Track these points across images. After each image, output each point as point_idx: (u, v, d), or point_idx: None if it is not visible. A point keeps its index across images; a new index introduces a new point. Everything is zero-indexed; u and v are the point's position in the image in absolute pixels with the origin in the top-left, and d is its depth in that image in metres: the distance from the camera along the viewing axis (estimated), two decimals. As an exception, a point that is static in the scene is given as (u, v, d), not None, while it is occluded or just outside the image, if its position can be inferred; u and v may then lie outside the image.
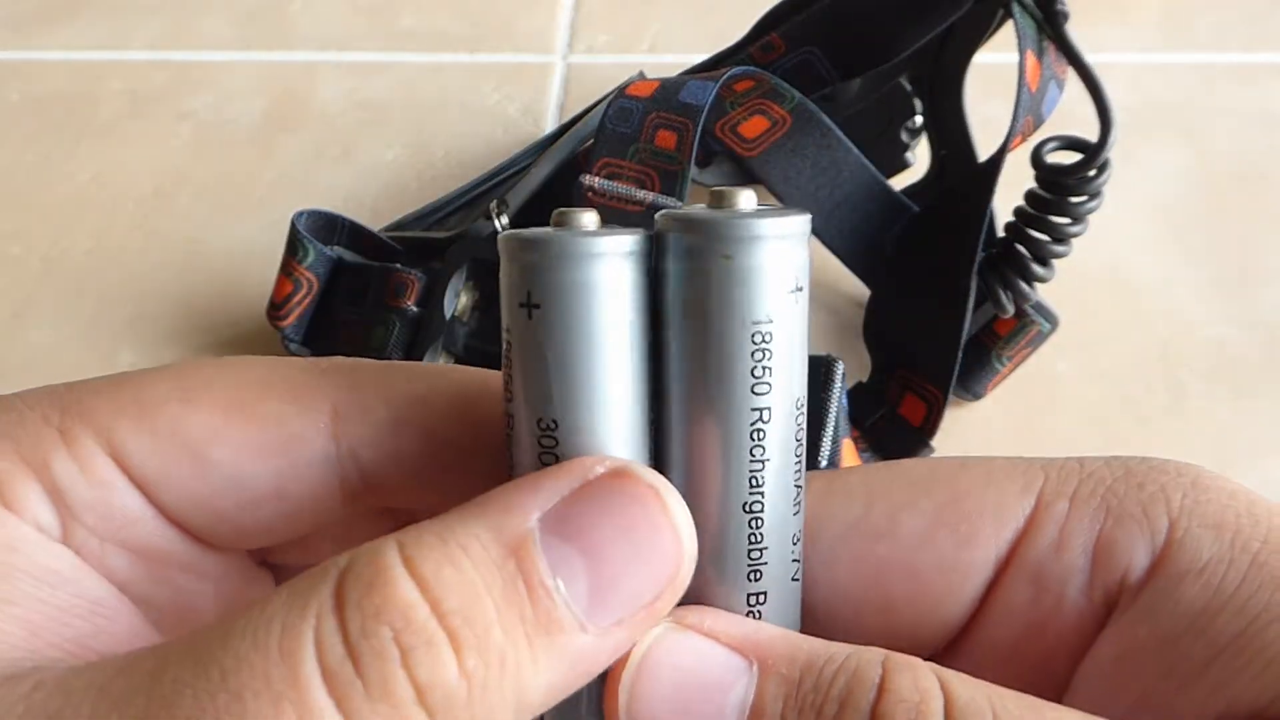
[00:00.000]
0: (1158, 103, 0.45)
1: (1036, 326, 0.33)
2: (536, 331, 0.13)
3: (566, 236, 0.13)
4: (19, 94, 0.48)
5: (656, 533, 0.13)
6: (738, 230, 0.13)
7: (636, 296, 0.14)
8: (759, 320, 0.13)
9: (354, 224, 0.36)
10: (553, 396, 0.13)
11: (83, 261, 0.41)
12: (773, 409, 0.14)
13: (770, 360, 0.13)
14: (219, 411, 0.15)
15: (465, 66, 0.49)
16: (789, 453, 0.14)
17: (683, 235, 0.13)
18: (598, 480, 0.13)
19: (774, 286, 0.13)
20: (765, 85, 0.35)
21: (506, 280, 0.13)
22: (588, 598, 0.12)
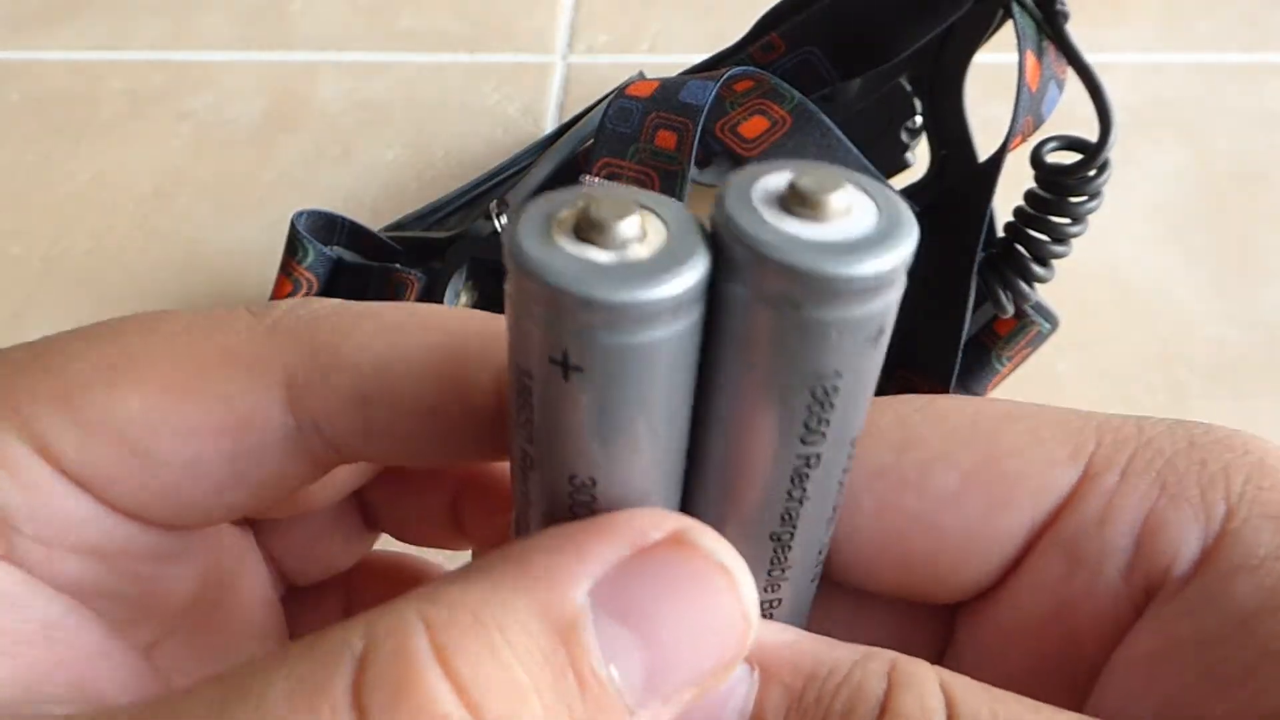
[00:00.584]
0: (1158, 103, 0.45)
1: (1036, 326, 0.33)
2: (574, 394, 0.10)
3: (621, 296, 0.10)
4: (19, 94, 0.48)
5: (722, 616, 0.11)
6: (817, 278, 0.10)
7: (695, 342, 0.11)
8: (823, 375, 0.11)
9: (354, 224, 0.36)
10: (590, 457, 0.11)
11: (83, 261, 0.41)
12: (821, 455, 0.12)
13: (830, 412, 0.11)
14: (154, 393, 0.13)
15: (465, 66, 0.49)
16: (830, 490, 0.12)
17: (743, 268, 0.10)
18: (655, 549, 0.11)
19: (852, 340, 0.10)
20: (765, 85, 0.35)
21: (530, 326, 0.10)
22: (642, 685, 0.11)
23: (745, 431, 0.11)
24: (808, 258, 0.10)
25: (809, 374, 0.11)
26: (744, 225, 0.10)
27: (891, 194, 0.10)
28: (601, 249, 0.10)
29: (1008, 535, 0.14)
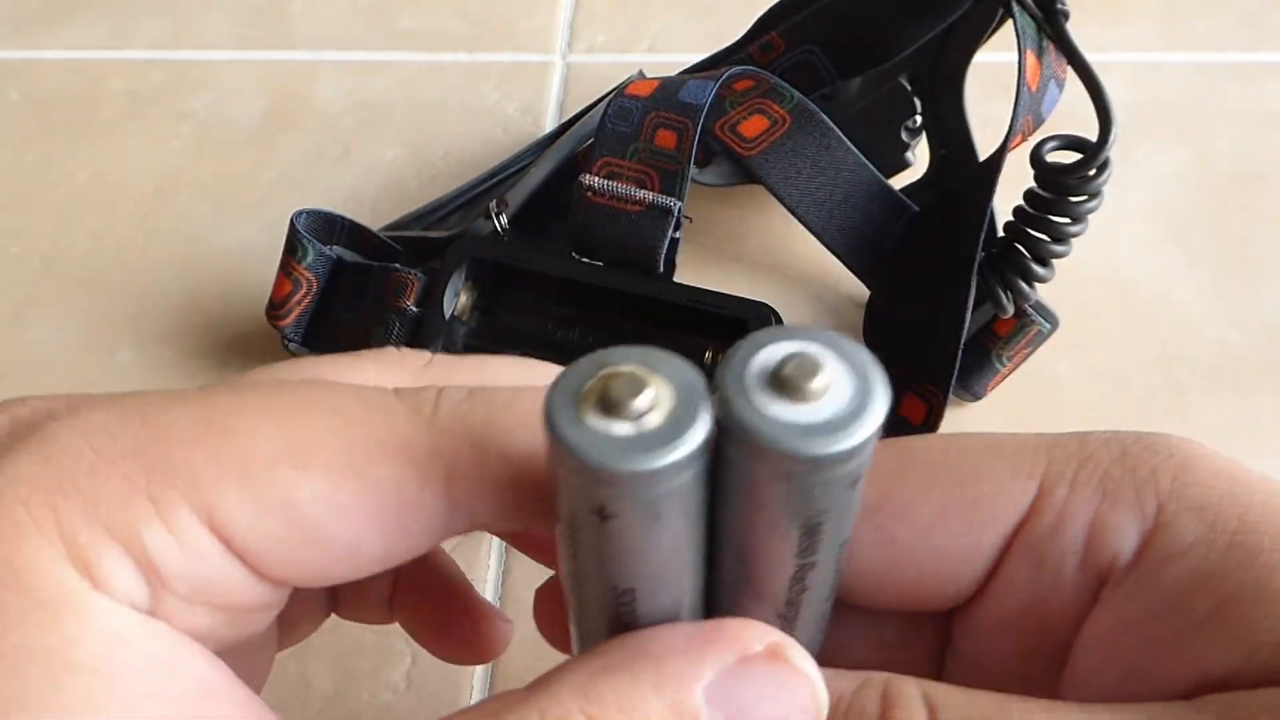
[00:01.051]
0: (1158, 103, 0.45)
1: (1036, 326, 0.33)
2: (612, 533, 0.13)
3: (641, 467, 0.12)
4: (19, 94, 0.48)
5: (803, 715, 0.14)
6: (798, 457, 0.12)
7: (704, 481, 0.13)
8: (813, 516, 0.13)
9: (354, 224, 0.36)
10: (628, 574, 0.14)
11: (83, 261, 0.41)
12: (816, 562, 0.14)
13: (819, 537, 0.13)
14: (330, 479, 0.13)
15: (465, 66, 0.49)
16: (827, 580, 0.15)
17: (741, 444, 0.12)
18: (756, 659, 0.14)
19: (833, 492, 0.13)
20: (765, 85, 0.35)
21: (570, 487, 0.13)
22: None
23: (752, 553, 0.14)
24: (794, 443, 0.12)
25: (801, 515, 0.13)
26: (739, 414, 0.12)
27: (865, 357, 0.13)
28: (622, 421, 0.12)
29: (983, 549, 0.16)
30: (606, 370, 0.12)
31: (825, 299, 0.39)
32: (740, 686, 0.14)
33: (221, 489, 0.13)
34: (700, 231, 0.40)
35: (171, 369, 0.37)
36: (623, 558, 0.13)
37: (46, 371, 0.37)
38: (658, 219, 0.32)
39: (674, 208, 0.32)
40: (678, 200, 0.32)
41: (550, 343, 0.32)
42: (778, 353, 0.12)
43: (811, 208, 0.35)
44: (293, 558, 0.14)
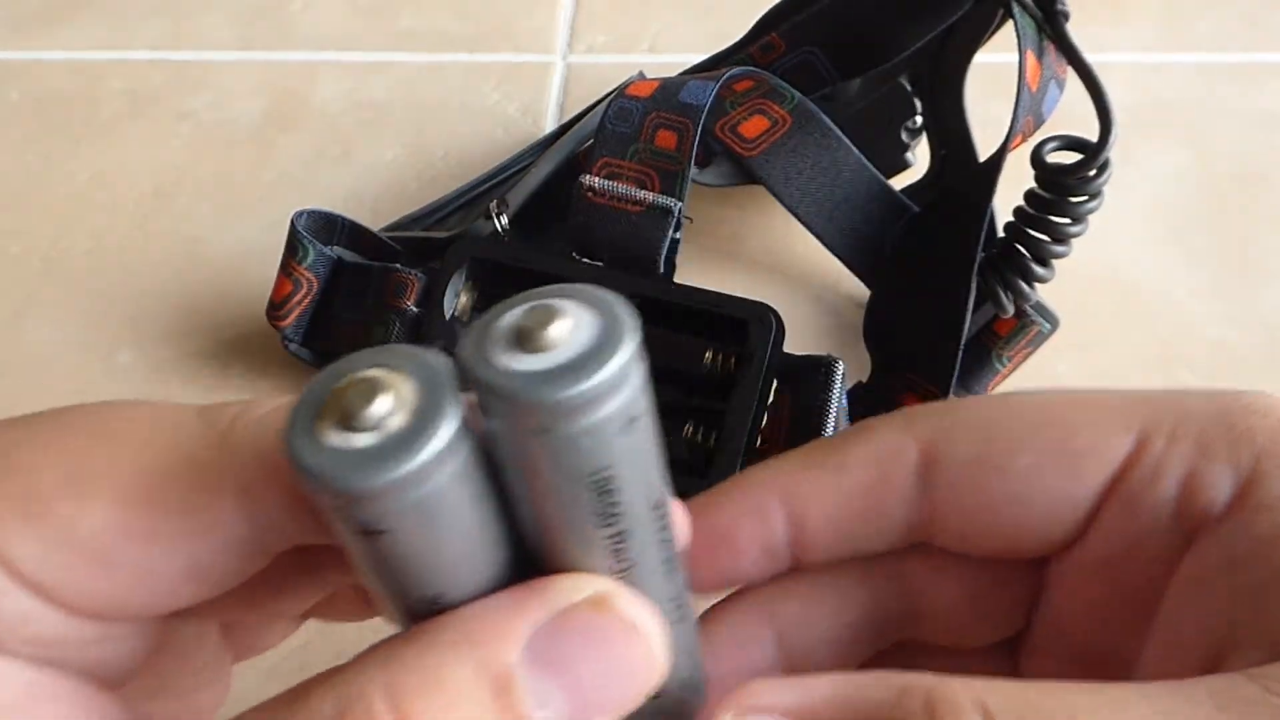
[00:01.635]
0: (1158, 103, 0.45)
1: (1036, 327, 0.33)
2: (390, 548, 0.12)
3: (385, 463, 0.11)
4: (19, 94, 0.48)
5: (634, 665, 0.13)
6: (546, 404, 0.11)
7: (475, 471, 0.12)
8: (594, 471, 0.12)
9: (354, 224, 0.36)
10: (426, 581, 0.13)
11: (83, 261, 0.41)
12: (628, 529, 0.13)
13: (615, 495, 0.12)
14: (116, 505, 0.13)
15: (465, 66, 0.49)
16: (651, 551, 0.14)
17: (489, 404, 0.12)
18: (577, 609, 0.13)
19: (604, 440, 0.12)
20: (765, 85, 0.35)
21: (328, 511, 0.12)
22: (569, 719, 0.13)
23: (552, 529, 0.13)
24: (533, 391, 0.11)
25: (582, 475, 0.12)
26: (479, 375, 0.11)
27: (610, 300, 0.12)
28: (362, 432, 0.11)
29: (1079, 500, 0.17)
30: (342, 381, 0.11)
31: (825, 299, 0.39)
32: (561, 641, 0.13)
33: (7, 526, 0.13)
34: (700, 231, 0.40)
35: (171, 369, 0.37)
36: (412, 569, 0.12)
37: (46, 371, 0.37)
38: (658, 219, 0.32)
39: (674, 208, 0.32)
40: (678, 200, 0.32)
41: (550, 343, 0.32)
42: (519, 312, 0.12)
43: (811, 208, 0.35)
44: (89, 587, 0.13)
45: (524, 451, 0.12)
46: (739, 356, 0.31)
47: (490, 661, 0.12)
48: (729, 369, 0.31)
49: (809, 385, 0.30)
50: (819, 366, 0.30)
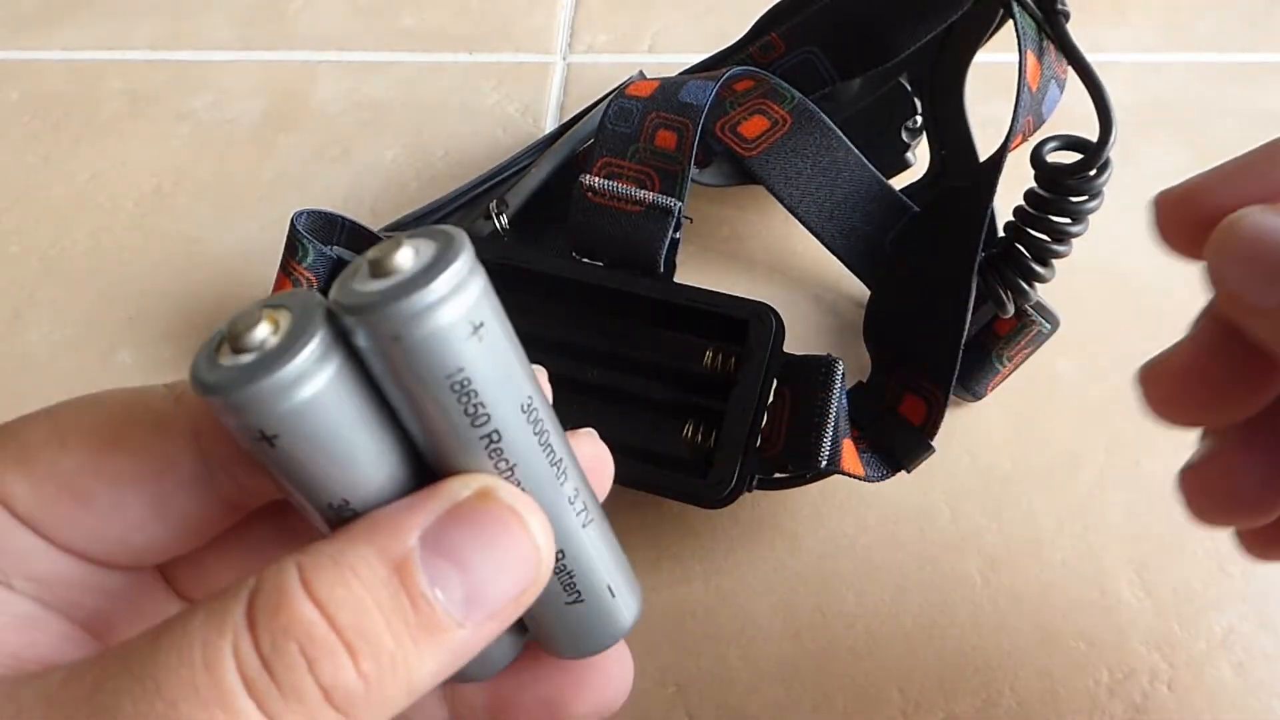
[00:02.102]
0: (1158, 103, 0.45)
1: (1036, 326, 0.33)
2: (286, 453, 0.14)
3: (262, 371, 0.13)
4: (19, 94, 0.48)
5: (517, 546, 0.15)
6: (391, 313, 0.13)
7: (350, 382, 0.14)
8: (450, 373, 0.14)
9: (354, 224, 0.36)
10: (330, 487, 0.15)
11: (82, 261, 0.41)
12: (500, 429, 0.15)
13: (478, 397, 0.14)
14: (91, 448, 0.16)
15: (465, 66, 0.49)
16: (532, 450, 0.15)
17: (351, 324, 0.14)
18: (465, 502, 0.15)
19: (452, 344, 0.14)
20: (765, 85, 0.35)
21: (232, 427, 0.14)
22: (464, 602, 0.15)
23: (434, 435, 0.15)
24: (379, 301, 0.13)
25: (440, 377, 0.14)
26: (338, 298, 0.14)
27: (451, 231, 0.14)
28: (248, 353, 0.14)
29: None
30: (237, 317, 0.14)
31: (825, 299, 0.39)
32: (452, 530, 0.15)
33: (4, 470, 0.16)
34: (700, 231, 0.40)
35: (171, 369, 0.37)
36: (310, 472, 0.14)
37: (46, 371, 0.37)
38: (658, 219, 0.32)
39: (674, 208, 0.32)
40: (678, 200, 0.32)
41: (550, 343, 0.32)
42: (372, 249, 0.14)
43: (811, 208, 0.35)
44: (72, 522, 0.16)
45: (387, 361, 0.14)
46: (739, 356, 0.31)
47: (389, 547, 0.14)
48: (729, 369, 0.31)
49: (809, 385, 0.30)
50: (819, 366, 0.30)
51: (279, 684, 0.13)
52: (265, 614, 0.13)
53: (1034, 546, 0.32)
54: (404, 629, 0.14)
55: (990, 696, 0.30)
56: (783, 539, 0.33)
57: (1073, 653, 0.30)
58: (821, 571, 0.32)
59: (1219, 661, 0.30)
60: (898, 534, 0.33)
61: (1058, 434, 0.35)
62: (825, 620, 0.31)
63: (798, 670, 0.30)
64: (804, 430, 0.30)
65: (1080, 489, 0.34)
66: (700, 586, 0.32)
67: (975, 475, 0.34)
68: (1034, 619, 0.31)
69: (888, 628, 0.31)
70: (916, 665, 0.30)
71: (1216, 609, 0.31)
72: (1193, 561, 0.32)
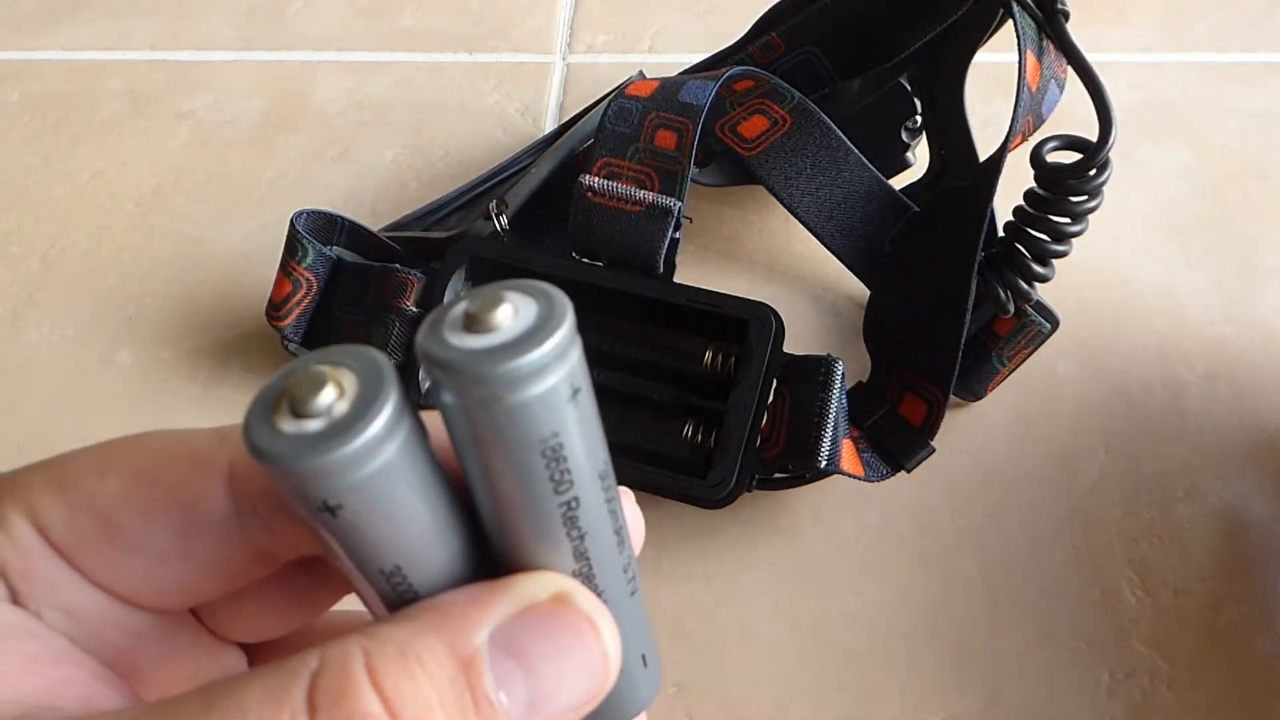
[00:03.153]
0: (1158, 103, 0.45)
1: (1036, 326, 0.33)
2: (348, 525, 0.13)
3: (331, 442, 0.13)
4: (19, 94, 0.48)
5: (589, 657, 0.15)
6: (494, 375, 0.13)
7: (419, 450, 0.14)
8: (545, 439, 0.14)
9: (354, 224, 0.36)
10: (387, 555, 0.14)
11: (82, 261, 0.41)
12: (578, 497, 0.14)
13: (566, 464, 0.14)
14: (128, 480, 0.16)
15: (465, 66, 0.49)
16: (602, 519, 0.15)
17: (441, 379, 0.13)
18: (540, 605, 0.14)
19: (553, 410, 0.13)
20: (765, 85, 0.35)
21: (289, 494, 0.13)
22: (526, 708, 0.14)
23: (510, 503, 0.14)
24: (484, 363, 0.13)
25: (534, 441, 0.13)
26: (433, 351, 0.13)
27: (550, 289, 0.13)
28: (311, 419, 0.13)
29: None
30: (292, 377, 0.13)
31: (825, 299, 0.39)
32: (524, 632, 0.14)
33: (43, 497, 0.15)
34: (700, 231, 0.40)
35: (171, 369, 0.37)
36: (371, 542, 0.14)
37: (46, 371, 0.37)
38: (658, 219, 0.32)
39: (674, 208, 0.32)
40: (678, 200, 0.32)
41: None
42: (467, 301, 0.13)
43: (811, 208, 0.35)
44: (99, 552, 0.16)
45: (474, 423, 0.13)
46: (739, 356, 0.31)
47: (459, 641, 0.14)
48: (729, 369, 0.31)
49: (809, 385, 0.30)
50: (819, 366, 0.30)
51: None
52: (328, 699, 0.13)
53: (1034, 546, 0.32)
54: None
55: (990, 696, 0.30)
56: (783, 539, 0.33)
57: (1073, 653, 0.30)
58: (821, 571, 0.32)
59: (1219, 661, 0.30)
60: (898, 534, 0.33)
61: (1058, 434, 0.35)
62: (825, 620, 0.31)
63: (798, 670, 0.30)
64: (804, 430, 0.30)
65: (1080, 489, 0.34)
66: (700, 586, 0.32)
67: (975, 475, 0.34)
68: (1034, 619, 0.31)
69: (888, 628, 0.31)
70: (916, 665, 0.30)
71: (1217, 609, 0.31)
72: (1193, 561, 0.32)
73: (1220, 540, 0.32)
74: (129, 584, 0.16)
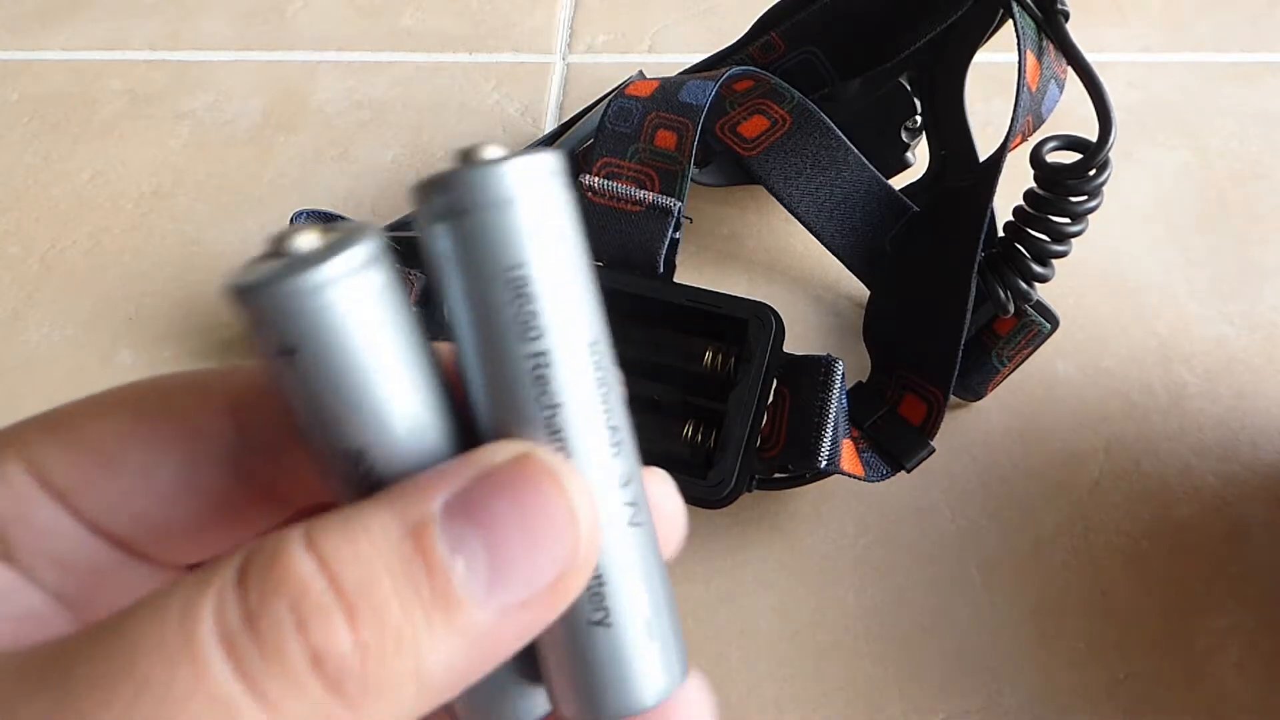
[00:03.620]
0: (1158, 103, 0.45)
1: (1036, 326, 0.33)
2: (307, 374, 0.13)
3: (289, 273, 0.12)
4: (19, 94, 0.48)
5: (552, 515, 0.13)
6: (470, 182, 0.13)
7: (393, 297, 0.13)
8: (511, 266, 0.13)
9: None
10: (349, 429, 0.13)
11: (82, 261, 0.41)
12: (550, 352, 0.13)
13: (533, 304, 0.13)
14: (129, 416, 0.15)
15: (465, 66, 0.49)
16: (588, 395, 0.14)
17: (424, 195, 0.13)
18: (499, 466, 0.13)
19: (518, 233, 0.13)
20: (765, 85, 0.35)
21: (248, 330, 0.13)
22: (487, 577, 0.13)
23: (475, 336, 0.13)
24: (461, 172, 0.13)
25: (498, 268, 0.13)
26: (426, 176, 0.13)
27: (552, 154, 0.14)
28: (284, 256, 0.12)
29: None
30: (282, 229, 0.13)
31: (825, 299, 0.39)
32: (480, 494, 0.13)
33: (40, 441, 0.15)
34: (700, 231, 0.40)
35: (171, 369, 0.37)
36: (331, 404, 0.13)
37: (46, 371, 0.37)
38: (658, 219, 0.32)
39: (674, 208, 0.32)
40: (678, 200, 0.32)
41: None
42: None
43: (811, 208, 0.35)
44: (96, 488, 0.15)
45: (447, 247, 0.13)
46: (739, 356, 0.31)
47: (407, 510, 0.13)
48: (729, 369, 0.31)
49: (809, 385, 0.30)
50: (819, 366, 0.30)
51: (261, 643, 0.12)
52: (258, 567, 0.12)
53: (1034, 546, 0.32)
54: (415, 599, 0.12)
55: (990, 696, 0.30)
56: (783, 539, 0.33)
57: (1073, 653, 0.30)
58: (821, 571, 0.32)
59: (1219, 661, 0.30)
60: (898, 534, 0.33)
61: (1058, 434, 0.35)
62: (825, 620, 0.31)
63: (798, 670, 0.30)
64: (804, 430, 0.30)
65: (1080, 489, 0.34)
66: (700, 587, 0.32)
67: (975, 475, 0.34)
68: (1034, 619, 0.31)
69: (888, 628, 0.31)
70: (916, 665, 0.30)
71: (1216, 609, 0.31)
72: (1193, 562, 0.32)
73: (1220, 540, 0.32)
74: (127, 522, 0.15)
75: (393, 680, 0.12)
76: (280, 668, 0.12)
